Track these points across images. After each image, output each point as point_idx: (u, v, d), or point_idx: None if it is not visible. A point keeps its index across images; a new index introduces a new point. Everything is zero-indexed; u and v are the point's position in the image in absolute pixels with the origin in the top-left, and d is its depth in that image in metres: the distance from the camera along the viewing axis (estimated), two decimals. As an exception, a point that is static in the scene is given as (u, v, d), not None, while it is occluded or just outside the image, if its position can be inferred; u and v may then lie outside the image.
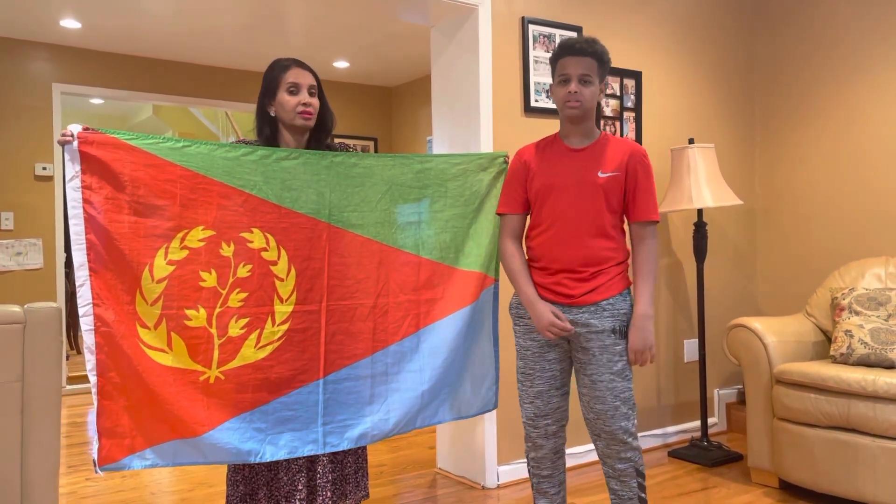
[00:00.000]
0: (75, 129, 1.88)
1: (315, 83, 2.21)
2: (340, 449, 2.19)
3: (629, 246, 2.21)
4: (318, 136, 2.27)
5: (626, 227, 2.23)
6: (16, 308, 1.86)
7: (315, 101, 2.19)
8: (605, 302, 2.12)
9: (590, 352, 2.12)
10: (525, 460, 3.18)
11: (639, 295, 2.13)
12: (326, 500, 2.20)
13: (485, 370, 2.51)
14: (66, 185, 1.88)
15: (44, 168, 5.25)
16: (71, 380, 5.54)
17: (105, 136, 1.90)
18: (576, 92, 2.09)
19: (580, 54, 2.10)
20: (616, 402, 2.10)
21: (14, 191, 5.16)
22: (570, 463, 3.35)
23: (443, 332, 2.37)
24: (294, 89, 2.16)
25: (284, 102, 2.16)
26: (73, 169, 1.88)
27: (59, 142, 1.91)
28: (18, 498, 1.81)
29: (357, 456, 2.33)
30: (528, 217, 2.28)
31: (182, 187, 1.99)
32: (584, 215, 2.12)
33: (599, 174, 2.13)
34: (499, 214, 2.31)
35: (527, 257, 2.26)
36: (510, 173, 2.28)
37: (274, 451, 2.09)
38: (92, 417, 1.93)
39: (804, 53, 3.88)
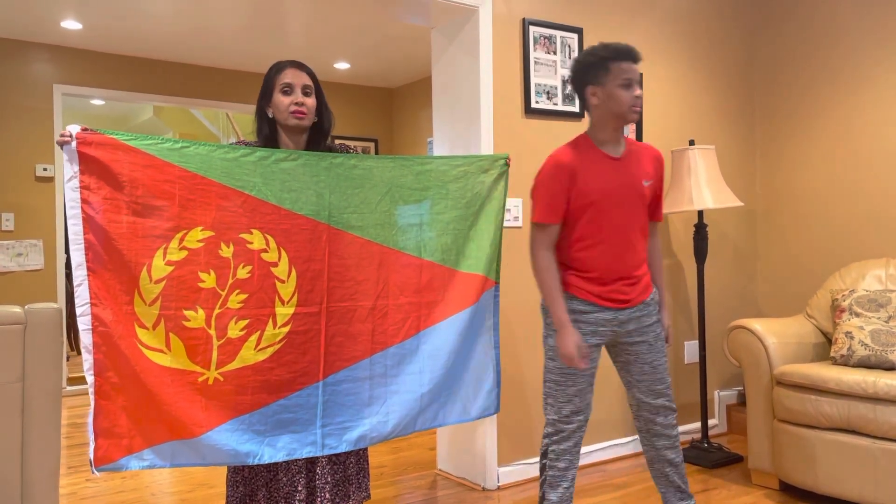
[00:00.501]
0: (74, 129, 1.88)
1: (311, 83, 2.21)
2: (339, 451, 2.19)
3: None
4: (317, 136, 2.27)
5: None
6: (16, 309, 1.86)
7: (309, 101, 2.19)
8: (650, 297, 2.32)
9: (646, 342, 2.31)
10: (536, 459, 3.19)
11: (663, 283, 2.43)
12: (325, 501, 2.20)
13: (485, 373, 2.50)
14: (65, 186, 1.89)
15: (44, 169, 5.26)
16: (71, 381, 5.55)
17: (104, 136, 1.90)
18: (641, 97, 2.17)
19: (637, 61, 2.17)
20: (668, 379, 2.36)
21: (15, 192, 5.16)
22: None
23: (443, 335, 2.37)
24: (287, 89, 2.17)
25: (279, 103, 2.17)
26: (71, 169, 1.88)
27: (57, 142, 1.91)
28: (19, 498, 1.81)
29: (359, 457, 2.32)
30: (564, 227, 2.25)
31: (181, 188, 1.99)
32: (635, 224, 2.24)
33: (644, 183, 2.23)
34: (539, 223, 2.21)
35: (569, 267, 2.26)
36: (553, 180, 2.17)
37: (272, 452, 2.09)
38: (90, 418, 1.93)
39: (804, 54, 3.88)
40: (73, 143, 1.87)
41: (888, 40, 3.53)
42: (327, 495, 2.20)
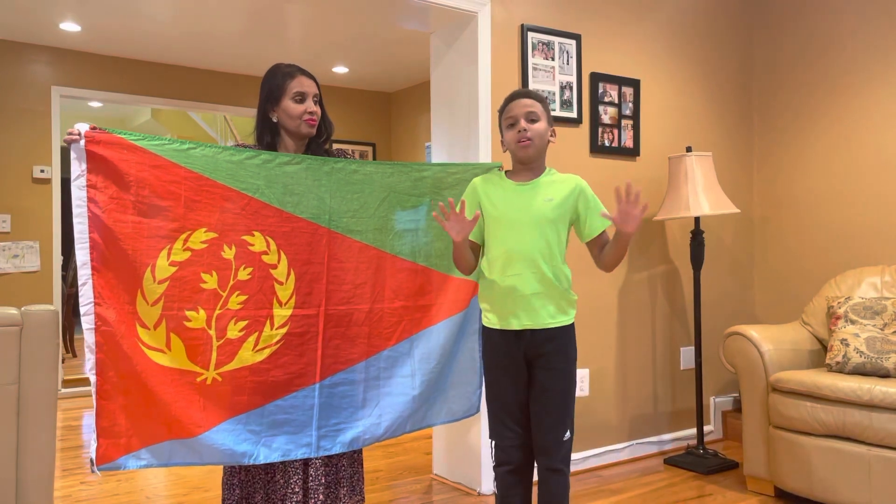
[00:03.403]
0: (83, 127, 1.88)
1: (318, 92, 2.24)
2: (333, 453, 2.21)
3: None
4: (317, 142, 2.29)
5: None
6: (12, 310, 1.86)
7: (318, 110, 2.22)
8: None
9: None
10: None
11: None
12: (318, 502, 2.20)
13: (471, 375, 2.54)
14: (72, 184, 1.88)
15: (42, 171, 5.25)
16: (66, 383, 5.52)
17: (112, 135, 1.91)
18: None
19: None
20: None
21: (12, 193, 5.15)
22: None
23: (435, 338, 2.40)
24: (300, 98, 2.18)
25: (290, 110, 2.18)
26: (78, 168, 1.88)
27: (65, 140, 1.91)
28: (13, 501, 1.81)
29: (352, 460, 2.33)
30: None
31: (186, 189, 2.00)
32: None
33: None
34: None
35: None
36: None
37: (268, 453, 2.10)
38: (89, 420, 1.93)
39: (803, 63, 3.90)
40: (82, 142, 1.87)
41: (886, 48, 3.55)
42: (321, 497, 2.21)
